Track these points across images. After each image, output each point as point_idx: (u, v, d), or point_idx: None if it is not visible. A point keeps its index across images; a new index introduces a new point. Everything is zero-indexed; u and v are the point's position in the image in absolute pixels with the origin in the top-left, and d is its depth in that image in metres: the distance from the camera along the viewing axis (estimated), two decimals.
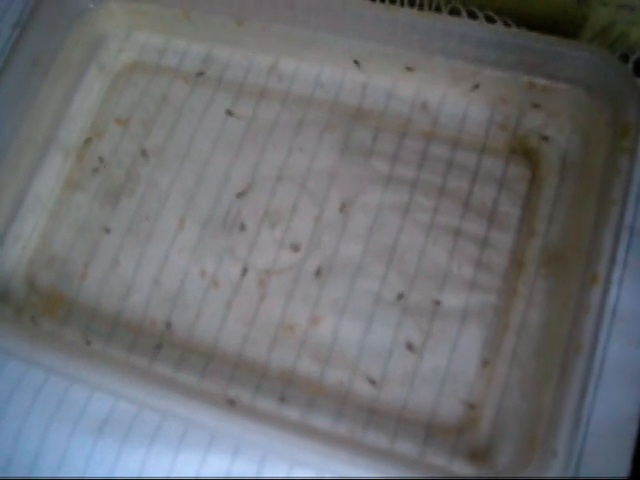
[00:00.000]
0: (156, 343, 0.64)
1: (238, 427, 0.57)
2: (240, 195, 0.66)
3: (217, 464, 0.59)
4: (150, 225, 0.68)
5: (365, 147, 0.67)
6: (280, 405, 0.60)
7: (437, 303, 0.62)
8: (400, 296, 0.62)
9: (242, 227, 0.65)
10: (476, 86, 0.66)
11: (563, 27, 0.68)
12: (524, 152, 0.65)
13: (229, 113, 0.70)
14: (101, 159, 0.71)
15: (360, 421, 0.59)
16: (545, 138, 0.65)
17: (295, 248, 0.65)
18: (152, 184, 0.68)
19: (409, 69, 0.65)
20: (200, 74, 0.72)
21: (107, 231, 0.69)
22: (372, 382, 0.61)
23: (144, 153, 0.71)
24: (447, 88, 0.67)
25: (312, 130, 0.68)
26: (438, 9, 0.70)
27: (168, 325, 0.64)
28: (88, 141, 0.72)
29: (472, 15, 0.69)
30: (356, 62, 0.66)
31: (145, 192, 0.67)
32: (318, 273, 0.63)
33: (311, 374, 0.59)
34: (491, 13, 0.68)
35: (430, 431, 0.59)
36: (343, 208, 0.64)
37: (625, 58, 0.65)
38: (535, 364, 0.59)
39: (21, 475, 0.62)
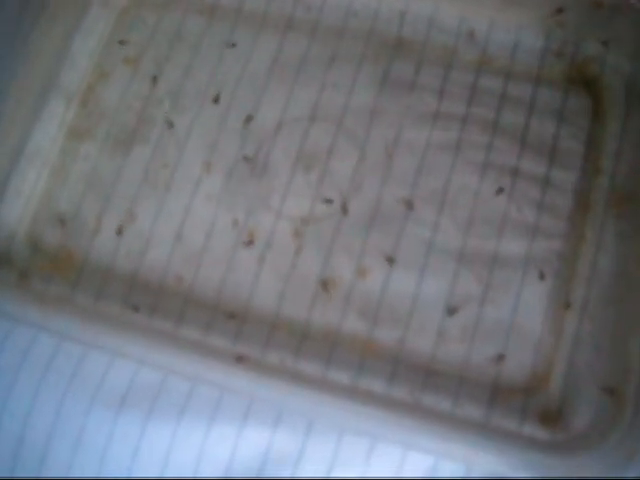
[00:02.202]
0: (181, 304, 0.54)
1: (279, 394, 0.49)
2: (269, 137, 0.57)
3: (256, 436, 0.49)
4: (169, 173, 0.58)
5: (407, 81, 0.58)
6: (326, 368, 0.52)
7: (497, 251, 0.53)
8: (455, 244, 0.54)
9: (274, 172, 0.57)
10: (529, 8, 0.55)
11: None
12: (584, 81, 0.57)
13: (252, 43, 0.58)
14: (108, 103, 0.60)
15: (417, 383, 0.51)
16: (607, 65, 0.54)
17: (334, 194, 0.56)
18: (169, 128, 0.59)
19: None
20: (216, 5, 0.60)
21: (120, 183, 0.58)
22: (428, 339, 0.52)
23: (157, 95, 0.60)
24: (495, 13, 0.57)
25: (346, 64, 0.59)
26: None
27: (193, 284, 0.55)
28: (93, 84, 0.61)
29: None
30: None
31: (161, 137, 0.59)
32: (361, 221, 0.55)
33: (359, 333, 0.53)
34: None
35: (495, 392, 0.51)
36: (386, 148, 0.57)
37: None
38: (609, 314, 0.51)
39: (34, 457, 0.51)
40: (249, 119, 0.58)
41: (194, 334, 0.53)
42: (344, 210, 0.56)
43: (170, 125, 0.59)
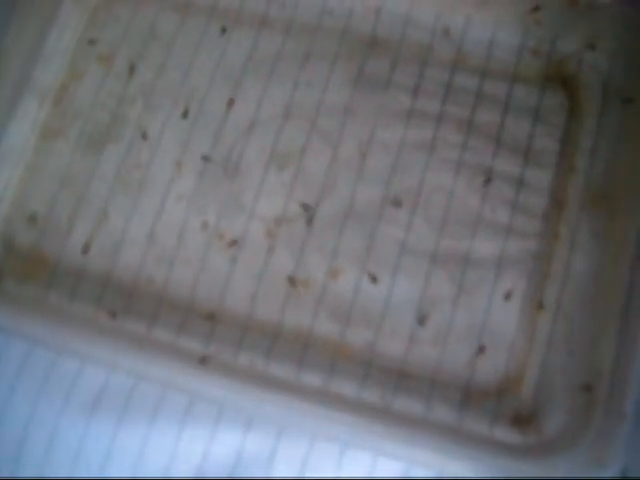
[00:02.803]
0: (153, 306, 0.53)
1: (251, 397, 0.48)
2: (242, 136, 0.56)
3: (228, 440, 0.48)
4: (141, 173, 0.57)
5: (382, 79, 0.56)
6: (298, 371, 0.51)
7: (470, 252, 0.52)
8: (428, 244, 0.52)
9: (246, 171, 0.55)
10: (505, 5, 0.53)
11: None
12: (561, 79, 0.55)
13: (226, 41, 0.57)
14: (82, 102, 0.59)
15: (389, 386, 0.50)
16: (584, 63, 0.53)
17: (307, 193, 0.54)
18: (141, 127, 0.58)
19: None
20: (190, 2, 0.59)
21: (93, 182, 0.57)
22: (400, 342, 0.51)
23: (131, 93, 0.59)
24: (472, 10, 0.56)
25: (320, 62, 0.57)
26: None
27: (166, 285, 0.53)
28: (66, 83, 0.59)
29: None
30: None
31: (134, 137, 0.58)
32: (334, 221, 0.53)
33: (331, 335, 0.51)
34: None
35: (468, 394, 0.50)
36: (360, 147, 0.55)
37: None
38: (583, 315, 0.49)
39: (7, 457, 0.50)
40: (222, 118, 0.57)
41: (166, 336, 0.52)
42: (317, 209, 0.54)
43: (143, 126, 0.57)
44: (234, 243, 0.54)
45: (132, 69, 0.59)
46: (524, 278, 0.51)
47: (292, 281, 0.53)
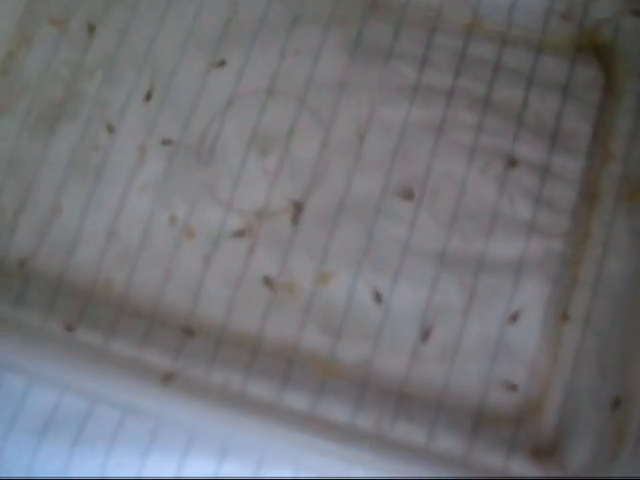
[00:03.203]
0: (113, 314, 0.51)
1: (226, 422, 0.47)
2: (219, 114, 0.54)
3: (199, 471, 0.47)
4: (100, 158, 0.54)
5: (383, 48, 0.54)
6: (280, 391, 0.49)
7: (484, 253, 0.50)
8: (435, 244, 0.50)
9: (223, 155, 0.53)
10: None
11: None
12: (594, 49, 0.53)
13: (200, 3, 0.54)
14: (31, 73, 0.56)
15: (387, 410, 0.48)
16: (621, 30, 0.52)
17: (294, 183, 0.52)
18: (101, 103, 0.55)
19: None
20: None
21: (43, 168, 0.54)
22: (401, 358, 0.49)
23: (89, 63, 0.56)
24: None
25: (311, 27, 0.55)
26: None
27: (128, 289, 0.52)
28: (14, 50, 0.57)
29: None
30: None
31: (92, 115, 0.55)
32: (326, 216, 0.51)
33: (320, 349, 0.50)
34: None
35: (479, 421, 0.48)
36: (357, 129, 0.53)
37: None
38: (617, 328, 0.48)
39: None
40: (195, 94, 0.54)
41: (127, 350, 0.50)
42: (306, 202, 0.52)
43: (103, 101, 0.55)
44: (208, 241, 0.52)
45: (91, 34, 0.57)
46: (548, 284, 0.49)
47: (275, 286, 0.51)
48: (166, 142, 0.54)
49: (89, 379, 0.48)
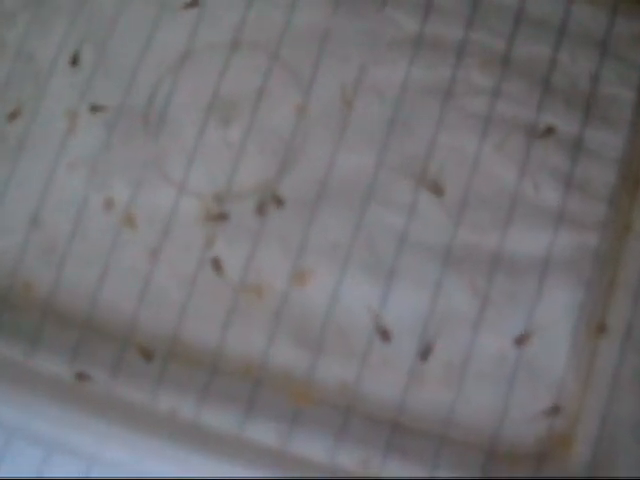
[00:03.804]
0: (34, 322, 0.49)
1: (174, 459, 0.45)
2: (170, 72, 0.52)
3: None
4: (23, 126, 0.52)
5: None
6: (243, 421, 0.47)
7: (501, 248, 0.48)
8: (440, 236, 0.48)
9: (175, 124, 0.51)
10: None
11: None
12: None
13: None
14: None
15: (378, 444, 0.46)
16: None
17: (264, 160, 0.50)
18: (23, 56, 0.53)
19: None
20: None
21: None
22: (395, 380, 0.47)
23: (9, 6, 0.54)
24: None
25: None
26: None
27: (54, 292, 0.50)
28: None
29: None
30: None
31: (13, 69, 0.53)
32: (303, 201, 0.49)
33: (294, 367, 0.48)
34: None
35: (492, 458, 0.46)
36: (343, 92, 0.51)
37: None
38: None
39: None
40: (140, 47, 0.53)
41: (53, 366, 0.48)
42: (278, 182, 0.50)
43: (27, 53, 0.53)
44: (155, 231, 0.50)
45: None
46: (580, 288, 0.48)
47: (239, 287, 0.49)
48: (103, 107, 0.52)
49: (8, 406, 0.46)
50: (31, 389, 0.47)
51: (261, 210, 0.49)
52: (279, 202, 0.49)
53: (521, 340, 0.48)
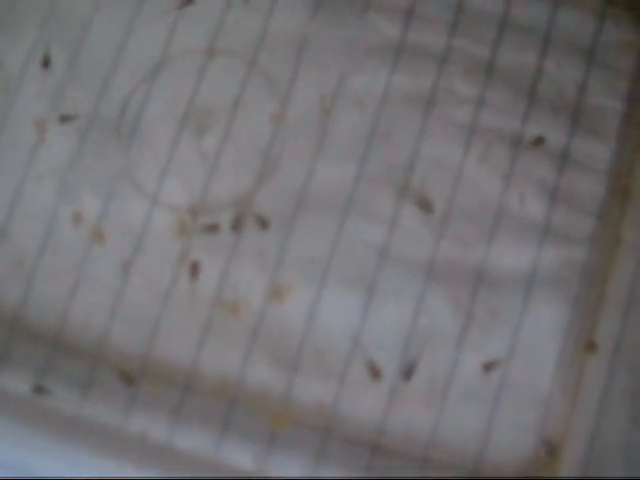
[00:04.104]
0: (3, 336, 0.48)
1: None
2: (144, 81, 0.50)
3: None
4: None
5: None
6: (218, 443, 0.45)
7: (485, 263, 0.47)
8: (422, 250, 0.47)
9: (149, 134, 0.49)
10: None
11: None
12: (629, 2, 0.50)
13: None
14: None
15: (357, 466, 0.45)
16: None
17: (240, 171, 0.49)
18: None
19: None
20: None
21: None
22: (375, 399, 0.46)
23: None
24: None
25: None
26: None
27: (21, 308, 0.48)
28: None
29: None
30: None
31: None
32: (281, 214, 0.48)
33: (271, 387, 0.46)
34: None
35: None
36: (322, 101, 0.50)
37: None
38: None
39: None
40: (116, 51, 0.51)
41: (19, 385, 0.47)
42: (254, 195, 0.48)
43: None
44: (127, 245, 0.48)
45: None
46: (567, 305, 0.46)
47: (214, 304, 0.47)
48: (74, 116, 0.50)
49: None
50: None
51: (237, 222, 0.47)
52: (263, 224, 0.47)
53: (506, 357, 0.46)
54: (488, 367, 0.46)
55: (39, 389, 0.46)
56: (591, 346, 0.46)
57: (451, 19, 0.50)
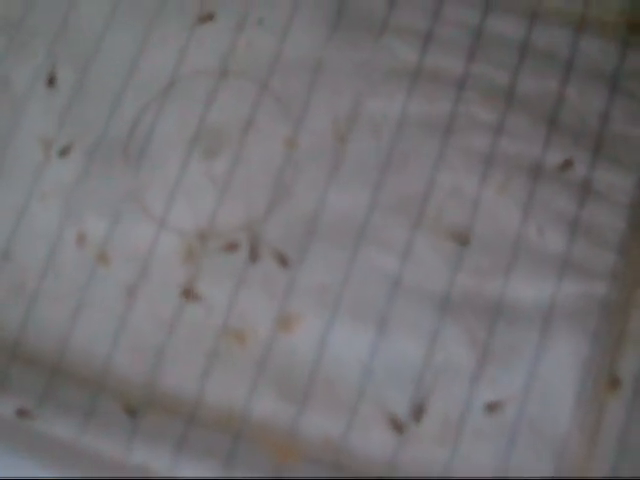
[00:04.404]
0: (2, 362, 0.46)
1: None
2: (154, 101, 0.48)
3: None
4: None
5: (375, 19, 0.49)
6: (221, 476, 0.43)
7: (502, 296, 0.44)
8: (436, 282, 0.45)
9: (158, 155, 0.48)
10: None
11: None
12: None
13: None
14: None
15: None
16: None
17: (250, 196, 0.47)
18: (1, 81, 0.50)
19: None
20: None
21: None
22: (385, 436, 0.44)
23: None
24: None
25: None
26: None
27: (22, 332, 0.46)
28: None
29: None
30: None
31: None
32: (291, 240, 0.46)
33: (278, 420, 0.44)
34: None
35: None
36: (335, 126, 0.48)
37: None
38: None
39: None
40: (124, 73, 0.50)
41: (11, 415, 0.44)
42: (264, 221, 0.47)
43: (4, 79, 0.50)
44: (132, 270, 0.46)
45: None
46: (586, 341, 0.44)
47: (220, 333, 0.45)
48: (81, 136, 0.48)
49: None
50: None
51: (247, 248, 0.46)
52: (283, 260, 0.45)
53: (522, 395, 0.44)
54: (504, 404, 0.44)
55: (28, 414, 0.43)
56: (614, 383, 0.43)
57: (470, 44, 0.48)
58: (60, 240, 0.47)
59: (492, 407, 0.44)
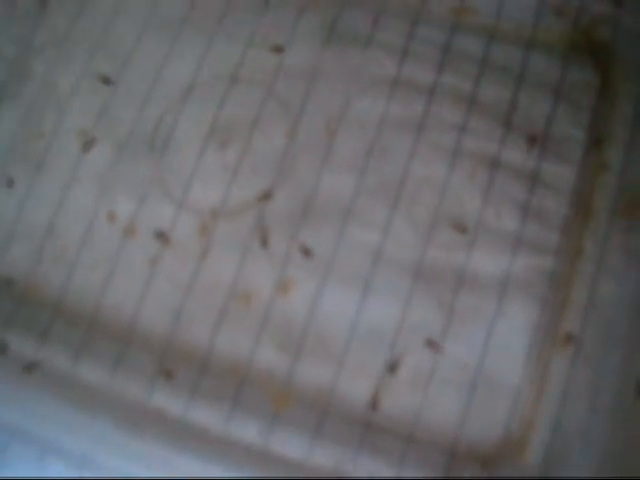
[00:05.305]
0: (44, 322, 0.38)
1: (160, 454, 0.34)
2: (176, 102, 0.40)
3: None
4: (44, 144, 0.41)
5: (360, 36, 0.41)
6: (228, 418, 0.36)
7: (466, 267, 0.37)
8: (411, 253, 0.37)
9: (178, 147, 0.39)
10: None
11: None
12: (590, 49, 0.40)
13: None
14: None
15: (350, 443, 0.35)
16: (620, 27, 0.38)
17: (256, 180, 0.39)
18: (47, 84, 0.42)
19: None
20: None
21: None
22: (368, 384, 0.36)
23: (38, 40, 0.42)
24: None
25: (282, 11, 0.42)
26: None
27: (64, 293, 0.38)
28: None
29: None
30: None
31: (37, 96, 0.42)
32: (290, 217, 0.38)
33: (276, 369, 0.37)
34: None
35: (454, 458, 0.35)
36: (328, 122, 0.39)
37: None
38: (612, 357, 0.35)
39: None
40: (152, 78, 0.41)
41: (57, 363, 0.37)
42: (267, 201, 0.38)
43: (50, 82, 0.41)
44: (156, 242, 0.38)
45: (41, 7, 0.42)
46: (536, 306, 0.36)
47: (230, 295, 0.37)
48: (114, 131, 0.40)
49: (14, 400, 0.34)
50: (32, 385, 0.36)
51: (254, 222, 0.38)
52: (307, 252, 0.37)
53: (482, 351, 0.36)
54: (466, 359, 0.36)
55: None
56: (554, 344, 0.36)
57: (440, 58, 0.40)
58: (94, 218, 0.39)
59: (456, 361, 0.36)
